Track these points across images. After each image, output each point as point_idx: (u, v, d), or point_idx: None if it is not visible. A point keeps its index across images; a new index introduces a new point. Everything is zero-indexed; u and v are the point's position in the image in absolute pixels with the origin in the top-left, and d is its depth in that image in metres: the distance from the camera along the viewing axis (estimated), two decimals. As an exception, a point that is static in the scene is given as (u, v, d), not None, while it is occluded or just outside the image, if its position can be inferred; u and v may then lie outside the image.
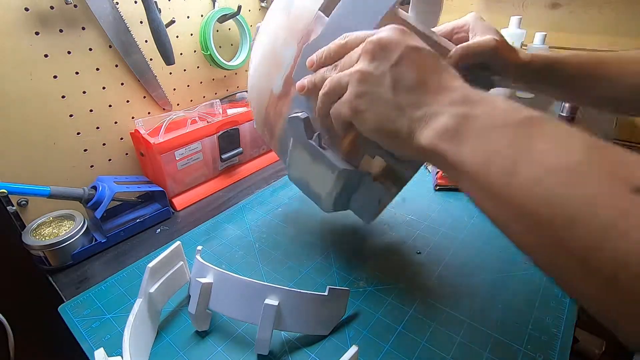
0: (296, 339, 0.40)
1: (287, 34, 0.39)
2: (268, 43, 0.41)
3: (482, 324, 0.40)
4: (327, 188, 0.41)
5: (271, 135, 0.45)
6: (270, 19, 0.43)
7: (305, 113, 0.38)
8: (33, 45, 0.50)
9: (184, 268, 0.44)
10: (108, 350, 0.34)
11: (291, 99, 0.40)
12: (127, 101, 0.63)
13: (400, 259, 0.50)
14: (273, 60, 0.40)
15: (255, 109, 0.46)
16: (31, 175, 0.54)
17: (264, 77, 0.42)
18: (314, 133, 0.39)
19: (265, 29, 0.43)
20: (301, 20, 0.38)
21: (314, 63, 0.35)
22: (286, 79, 0.39)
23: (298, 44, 0.38)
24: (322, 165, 0.39)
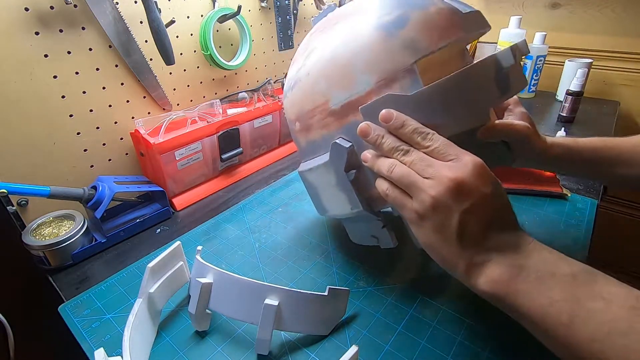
0: (296, 339, 0.40)
1: (371, 62, 0.35)
2: (346, 52, 0.37)
3: (482, 324, 0.40)
4: (337, 211, 0.42)
5: (303, 130, 0.43)
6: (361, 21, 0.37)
7: (352, 145, 0.37)
8: (33, 45, 0.50)
9: (184, 268, 0.44)
10: (108, 350, 0.34)
11: (344, 124, 0.38)
12: (127, 101, 0.63)
13: (400, 259, 0.50)
14: (343, 74, 0.37)
15: (298, 98, 0.42)
16: (31, 175, 0.54)
17: (325, 81, 0.38)
18: (351, 167, 0.38)
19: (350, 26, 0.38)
20: (394, 60, 0.34)
21: (389, 124, 0.33)
22: (349, 104, 0.37)
23: (377, 81, 0.35)
24: (344, 195, 0.40)
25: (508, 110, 0.46)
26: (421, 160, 0.31)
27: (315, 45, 0.41)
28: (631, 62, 1.02)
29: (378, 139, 0.34)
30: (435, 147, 0.31)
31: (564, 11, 1.06)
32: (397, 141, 0.33)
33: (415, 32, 0.34)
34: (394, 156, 0.33)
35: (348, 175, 0.38)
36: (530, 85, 1.06)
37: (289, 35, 0.89)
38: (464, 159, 0.30)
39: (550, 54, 1.05)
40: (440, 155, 0.31)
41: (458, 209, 0.29)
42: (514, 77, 0.36)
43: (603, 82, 1.07)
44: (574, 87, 0.87)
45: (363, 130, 0.34)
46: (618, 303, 0.24)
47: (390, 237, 0.41)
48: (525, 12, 1.11)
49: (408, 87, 0.34)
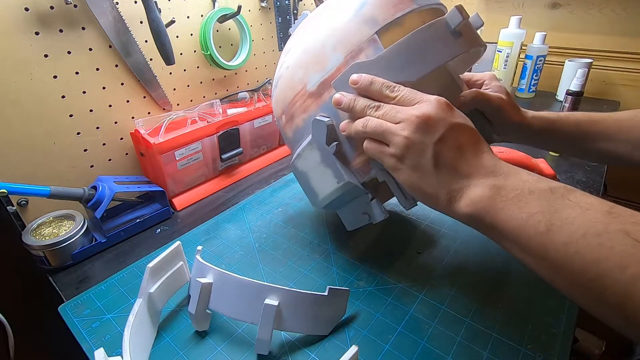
0: (296, 339, 0.40)
1: (338, 41, 0.39)
2: (316, 39, 0.41)
3: (482, 324, 0.40)
4: (326, 191, 0.43)
5: (288, 121, 0.46)
6: (326, 14, 0.42)
7: (331, 120, 0.40)
8: (33, 45, 0.50)
9: (184, 268, 0.44)
10: (108, 350, 0.34)
11: (321, 102, 0.41)
12: (127, 101, 0.63)
13: (400, 259, 0.50)
14: (316, 58, 0.41)
15: (281, 92, 0.46)
16: (31, 175, 0.54)
17: (302, 69, 0.42)
18: (332, 141, 0.40)
19: (316, 21, 0.43)
20: (357, 34, 0.38)
21: (357, 85, 0.36)
22: (323, 82, 0.40)
23: (346, 56, 0.39)
24: (330, 170, 0.41)
25: (485, 85, 0.48)
26: (391, 109, 0.34)
27: (292, 44, 0.45)
28: (631, 62, 1.02)
29: (350, 103, 0.36)
30: (401, 94, 0.34)
31: (564, 11, 1.06)
32: (368, 100, 0.36)
33: (373, 8, 0.39)
34: (367, 113, 0.35)
35: (330, 148, 0.40)
36: (530, 85, 1.06)
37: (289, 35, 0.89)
38: (429, 99, 0.33)
39: (550, 54, 1.05)
40: (408, 101, 0.33)
41: (430, 141, 0.31)
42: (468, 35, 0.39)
43: (603, 82, 1.07)
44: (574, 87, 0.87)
45: (336, 100, 0.37)
46: (594, 209, 0.25)
47: (381, 209, 0.43)
48: (525, 12, 1.11)
49: (372, 55, 0.37)
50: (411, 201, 0.40)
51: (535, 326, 0.40)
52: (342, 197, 0.44)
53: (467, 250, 0.51)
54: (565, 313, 0.41)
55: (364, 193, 0.43)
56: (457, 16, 0.37)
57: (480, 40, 0.41)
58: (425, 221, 0.57)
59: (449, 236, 0.54)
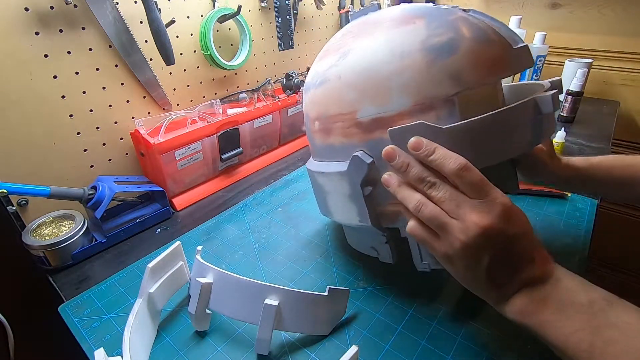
0: (296, 339, 0.40)
1: (411, 83, 0.33)
2: (386, 66, 0.34)
3: (482, 324, 0.40)
4: (343, 219, 0.42)
5: (321, 132, 0.41)
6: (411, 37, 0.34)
7: (373, 161, 0.36)
8: (33, 45, 0.50)
9: (184, 268, 0.44)
10: (108, 350, 0.34)
11: (369, 138, 0.36)
12: (127, 101, 0.63)
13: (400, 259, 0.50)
14: (378, 89, 0.35)
15: (322, 98, 0.40)
16: (31, 175, 0.54)
17: (356, 92, 0.36)
18: (368, 184, 0.37)
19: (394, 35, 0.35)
20: (436, 87, 0.33)
21: (417, 153, 0.32)
22: (378, 120, 0.35)
23: (413, 105, 0.33)
24: (355, 207, 0.39)
25: None
26: (450, 199, 0.30)
27: (352, 47, 0.38)
28: (631, 62, 1.02)
29: (404, 166, 0.33)
30: (468, 180, 0.30)
31: (564, 11, 1.06)
32: (425, 171, 0.32)
33: (464, 63, 0.33)
34: (421, 187, 0.32)
35: (364, 190, 0.37)
36: (530, 85, 1.06)
37: (289, 35, 0.89)
38: (494, 200, 0.30)
39: (550, 54, 1.05)
40: (470, 191, 0.30)
41: (485, 252, 0.30)
42: (547, 123, 0.35)
43: (603, 82, 1.07)
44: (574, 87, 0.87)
45: (388, 154, 0.33)
46: (632, 333, 0.26)
47: (390, 254, 0.42)
48: (525, 12, 1.11)
49: (444, 117, 0.33)
50: (425, 265, 0.38)
51: (535, 326, 0.40)
52: (358, 228, 0.42)
53: (467, 250, 0.51)
54: (565, 313, 0.41)
55: (381, 235, 0.41)
56: (548, 105, 0.32)
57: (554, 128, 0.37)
58: (425, 221, 0.57)
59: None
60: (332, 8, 1.02)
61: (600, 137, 0.82)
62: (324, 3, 0.94)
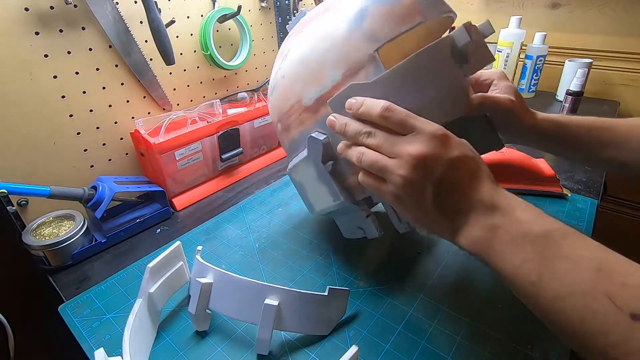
0: (296, 339, 0.40)
1: (337, 56, 0.37)
2: (315, 51, 0.39)
3: (482, 324, 0.40)
4: (322, 206, 0.43)
5: (284, 131, 0.45)
6: (327, 21, 0.39)
7: (327, 137, 0.39)
8: (33, 45, 0.50)
9: (184, 268, 0.44)
10: (108, 350, 0.34)
11: (318, 118, 0.39)
12: (127, 101, 0.63)
13: (400, 259, 0.50)
14: (314, 72, 0.39)
15: (277, 101, 0.44)
16: (31, 175, 0.54)
17: (299, 82, 0.40)
18: (328, 159, 0.39)
19: (318, 26, 0.40)
20: (358, 50, 0.36)
21: (352, 111, 0.34)
22: (320, 98, 0.39)
23: (344, 73, 0.37)
24: (326, 187, 0.41)
25: (493, 85, 0.46)
26: (385, 140, 0.32)
27: (288, 48, 0.43)
28: (631, 62, 1.02)
29: (342, 128, 0.35)
30: (394, 119, 0.32)
31: (564, 11, 1.06)
32: (361, 125, 0.34)
33: (374, 23, 0.36)
34: (360, 140, 0.34)
35: (326, 167, 0.39)
36: (530, 85, 1.06)
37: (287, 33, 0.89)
38: (423, 130, 0.31)
39: (550, 54, 1.05)
40: (402, 128, 0.32)
41: (428, 181, 0.30)
42: (476, 53, 0.36)
43: (603, 82, 1.07)
44: (574, 87, 0.87)
45: (330, 124, 0.36)
46: (584, 265, 0.25)
47: (375, 227, 0.42)
48: (525, 12, 1.11)
49: (372, 74, 0.35)
50: (405, 225, 0.39)
51: (535, 326, 0.40)
52: (339, 210, 0.43)
53: (467, 250, 0.51)
54: (565, 313, 0.41)
55: (360, 210, 0.43)
56: (464, 37, 0.34)
57: (490, 56, 0.38)
58: (425, 221, 0.57)
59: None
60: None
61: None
62: (324, 3, 0.94)
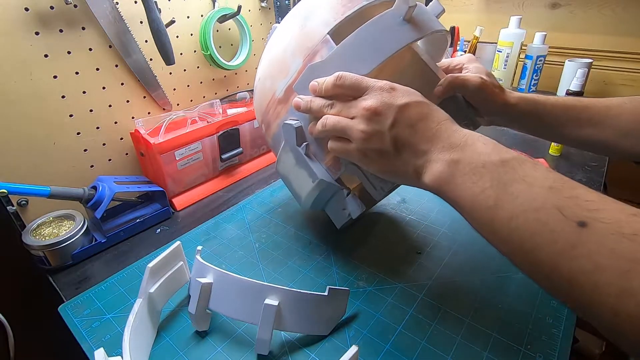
0: (296, 339, 0.40)
1: (296, 47, 0.42)
2: (279, 48, 0.44)
3: (482, 324, 0.40)
4: (305, 191, 0.45)
5: (267, 130, 0.49)
6: (286, 24, 0.45)
7: (299, 122, 0.42)
8: (33, 45, 0.50)
9: (184, 268, 0.44)
10: (108, 350, 0.34)
11: (289, 106, 0.43)
12: (127, 101, 0.63)
13: (400, 259, 0.50)
14: (280, 66, 0.43)
15: (257, 102, 0.49)
16: (31, 175, 0.54)
17: (270, 79, 0.45)
18: (303, 142, 0.42)
19: (280, 33, 0.46)
20: (312, 38, 0.41)
21: (313, 90, 0.38)
22: (288, 87, 0.42)
23: (304, 59, 0.41)
24: (304, 170, 0.43)
25: (464, 68, 0.47)
26: (343, 106, 0.36)
27: (262, 58, 0.49)
28: (631, 62, 1.02)
29: (307, 104, 0.38)
30: (347, 85, 0.35)
31: (564, 11, 1.06)
32: (323, 100, 0.38)
33: (325, 11, 0.41)
34: (324, 112, 0.37)
35: (301, 149, 0.42)
36: (530, 85, 1.06)
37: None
38: (372, 86, 0.34)
39: (550, 54, 1.05)
40: (356, 91, 0.35)
41: (384, 128, 0.33)
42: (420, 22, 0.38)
43: (603, 82, 1.07)
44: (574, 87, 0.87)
45: (295, 104, 0.39)
46: (538, 184, 0.26)
47: (357, 203, 0.44)
48: (525, 12, 1.11)
49: (327, 54, 0.39)
50: (380, 191, 0.41)
51: (535, 326, 0.40)
52: (322, 195, 0.45)
53: (467, 251, 0.51)
54: (565, 313, 0.41)
55: (340, 189, 0.44)
56: (402, 6, 0.37)
57: (436, 24, 0.41)
58: (425, 222, 0.57)
59: (449, 237, 0.54)
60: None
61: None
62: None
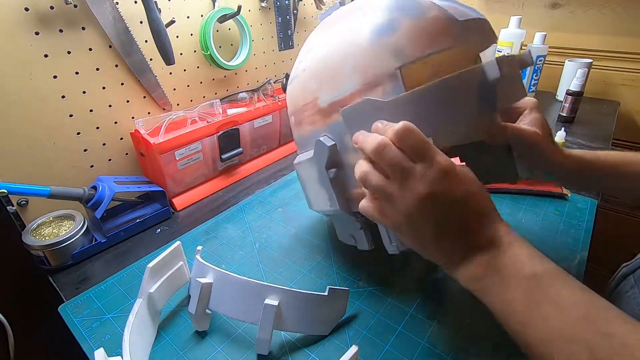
0: (296, 339, 0.40)
1: (358, 63, 0.35)
2: (340, 51, 0.37)
3: (482, 324, 0.40)
4: (318, 206, 0.43)
5: (296, 125, 0.45)
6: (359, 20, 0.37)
7: (334, 144, 0.38)
8: (33, 45, 0.50)
9: (184, 268, 0.44)
10: (108, 350, 0.34)
11: (329, 122, 0.39)
12: (127, 101, 0.63)
13: (400, 259, 0.50)
14: (333, 74, 0.38)
15: (294, 93, 0.44)
16: (31, 175, 0.54)
17: (316, 81, 0.39)
18: (332, 166, 0.39)
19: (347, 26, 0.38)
20: (379, 64, 0.34)
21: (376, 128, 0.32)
22: (335, 103, 0.37)
23: (362, 84, 0.35)
24: (325, 192, 0.41)
25: (523, 115, 0.43)
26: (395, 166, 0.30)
27: (315, 43, 0.42)
28: (631, 62, 1.02)
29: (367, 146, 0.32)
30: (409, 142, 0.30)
31: (564, 11, 1.06)
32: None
33: (403, 38, 0.33)
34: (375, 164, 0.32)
35: (328, 172, 0.39)
36: (530, 85, 1.06)
37: (289, 35, 0.89)
38: (435, 163, 0.29)
39: (550, 54, 1.05)
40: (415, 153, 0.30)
41: (430, 219, 0.30)
42: (505, 88, 0.34)
43: (603, 82, 1.07)
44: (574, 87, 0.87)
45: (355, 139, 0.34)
46: (569, 311, 0.26)
47: (366, 240, 0.42)
48: (525, 12, 1.11)
49: (390, 91, 0.33)
50: (394, 247, 0.37)
51: (535, 326, 0.40)
52: (334, 215, 0.44)
53: (467, 250, 0.51)
54: (565, 313, 0.41)
55: (355, 221, 0.42)
56: (494, 71, 0.31)
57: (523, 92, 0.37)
58: (425, 221, 0.57)
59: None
60: (332, 8, 1.02)
61: (600, 137, 0.82)
62: (324, 3, 0.94)
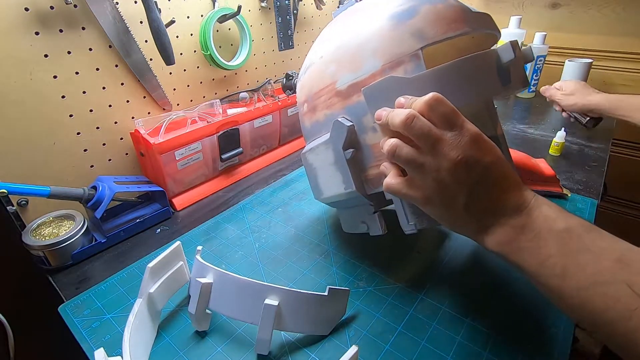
0: (296, 339, 0.40)
1: (379, 46, 0.37)
2: (359, 36, 0.38)
3: (482, 324, 0.40)
4: (332, 192, 0.43)
5: (309, 111, 0.45)
6: (374, 10, 0.39)
7: (353, 124, 0.39)
8: (33, 45, 0.50)
9: (184, 268, 0.44)
10: (108, 350, 0.34)
11: (348, 104, 0.39)
12: (127, 101, 0.63)
13: (400, 259, 0.50)
14: (352, 57, 0.38)
15: (308, 80, 0.44)
16: (31, 175, 0.54)
17: (335, 64, 0.40)
18: (350, 146, 0.39)
19: (364, 15, 0.40)
20: (401, 45, 0.35)
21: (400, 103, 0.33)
22: (354, 84, 0.38)
23: (384, 65, 0.36)
24: (340, 174, 0.41)
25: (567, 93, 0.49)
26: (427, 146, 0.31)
27: (331, 34, 0.43)
28: (631, 62, 1.02)
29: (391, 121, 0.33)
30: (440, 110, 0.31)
31: (564, 11, 1.06)
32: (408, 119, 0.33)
33: (423, 22, 0.36)
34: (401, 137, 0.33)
35: (345, 153, 0.39)
36: (530, 85, 1.06)
37: (289, 35, 0.89)
38: (464, 130, 0.30)
39: (550, 54, 1.05)
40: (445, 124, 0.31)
41: (463, 186, 0.31)
42: (515, 73, 0.37)
43: (603, 82, 1.07)
44: (574, 87, 0.87)
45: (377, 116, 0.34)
46: (605, 256, 0.27)
47: (380, 224, 0.43)
48: (525, 12, 1.11)
49: (412, 70, 0.35)
50: (412, 227, 0.38)
51: (535, 326, 0.40)
52: (346, 201, 0.43)
53: (467, 251, 0.51)
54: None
55: (368, 204, 0.43)
56: (509, 52, 0.34)
57: (525, 81, 0.39)
58: (425, 221, 0.57)
59: (449, 236, 0.54)
60: (332, 8, 1.02)
61: (600, 137, 0.82)
62: (324, 3, 0.94)
